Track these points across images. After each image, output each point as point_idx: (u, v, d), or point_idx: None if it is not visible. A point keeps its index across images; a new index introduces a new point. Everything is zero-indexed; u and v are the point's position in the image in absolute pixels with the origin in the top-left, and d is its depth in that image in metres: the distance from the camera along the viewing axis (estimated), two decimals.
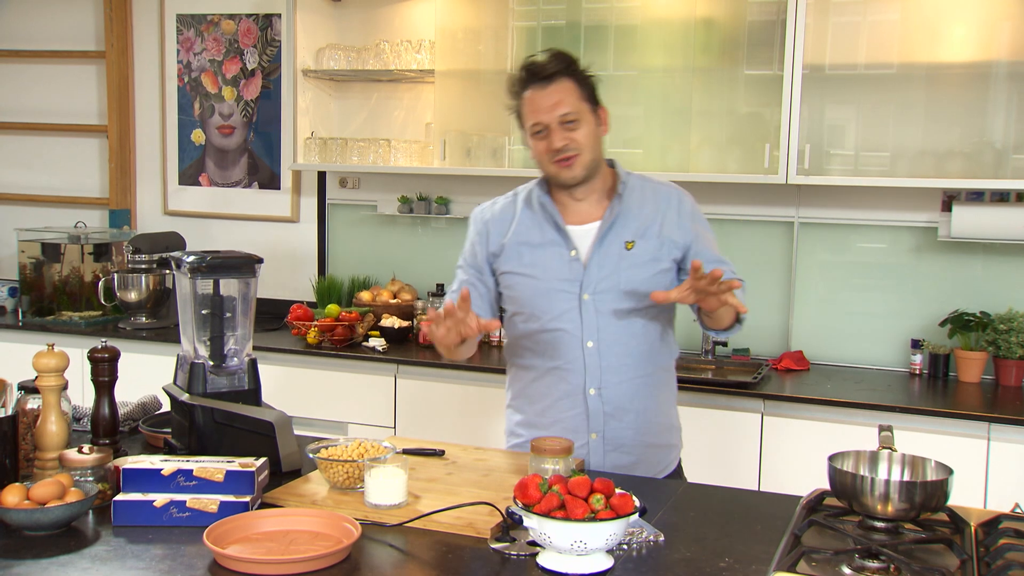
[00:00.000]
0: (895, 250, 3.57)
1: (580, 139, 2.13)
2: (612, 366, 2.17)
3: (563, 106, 2.11)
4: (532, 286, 2.20)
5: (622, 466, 2.20)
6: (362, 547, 1.63)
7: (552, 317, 2.18)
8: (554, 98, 2.11)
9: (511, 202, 2.29)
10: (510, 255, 2.23)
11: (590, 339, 2.17)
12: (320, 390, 3.69)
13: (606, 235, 2.18)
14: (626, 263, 2.17)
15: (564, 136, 2.12)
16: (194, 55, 4.49)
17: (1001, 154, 3.24)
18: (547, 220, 2.22)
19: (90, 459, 1.82)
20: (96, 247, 4.34)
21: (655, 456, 2.26)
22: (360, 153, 3.97)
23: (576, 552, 1.53)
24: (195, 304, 2.10)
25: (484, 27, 3.81)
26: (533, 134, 2.15)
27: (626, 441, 2.21)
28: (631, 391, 2.20)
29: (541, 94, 2.12)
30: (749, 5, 3.45)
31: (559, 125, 2.11)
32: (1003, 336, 3.28)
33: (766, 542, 1.69)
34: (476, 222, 2.31)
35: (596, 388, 2.18)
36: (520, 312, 2.24)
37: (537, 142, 2.16)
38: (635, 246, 2.18)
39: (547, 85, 2.11)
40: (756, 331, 3.71)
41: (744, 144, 3.48)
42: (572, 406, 2.19)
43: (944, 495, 1.67)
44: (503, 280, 2.25)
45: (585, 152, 2.14)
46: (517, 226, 2.24)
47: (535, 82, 2.13)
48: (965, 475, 2.89)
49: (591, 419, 2.19)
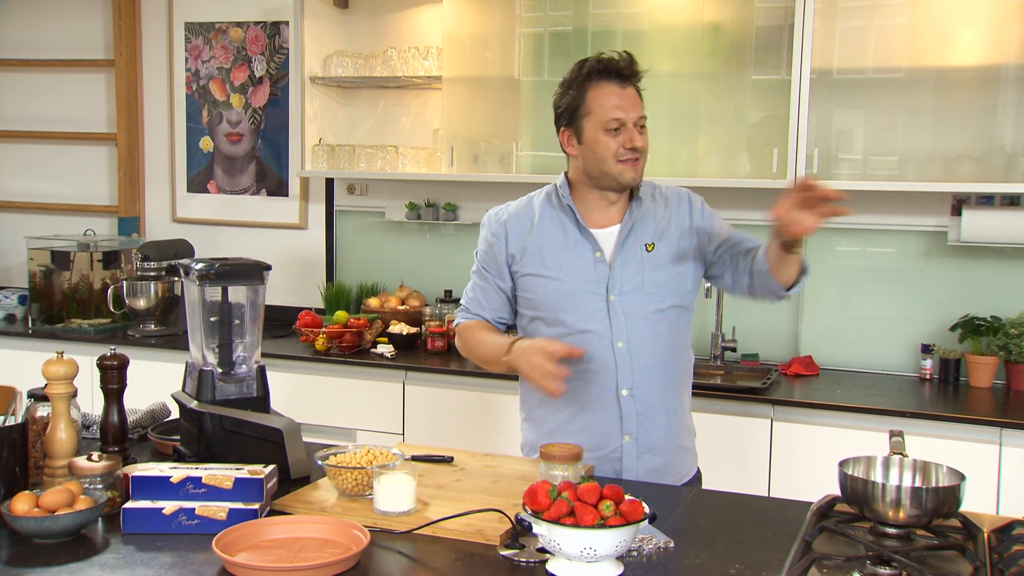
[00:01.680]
0: (905, 255, 3.56)
1: (646, 143, 2.16)
2: (643, 366, 2.17)
3: (640, 108, 2.15)
4: (557, 288, 2.18)
5: (654, 469, 2.19)
6: (371, 554, 1.63)
7: (580, 319, 2.17)
8: (635, 98, 2.14)
9: (527, 205, 2.28)
10: (532, 257, 2.21)
11: (620, 339, 2.16)
12: (329, 397, 3.70)
13: (627, 237, 2.19)
14: (648, 264, 2.18)
15: (641, 137, 2.14)
16: (202, 63, 4.50)
17: (1011, 158, 3.23)
18: (571, 222, 2.21)
19: (99, 467, 1.82)
20: (105, 255, 4.36)
21: (682, 459, 2.26)
22: (368, 160, 3.97)
23: (586, 559, 1.52)
24: (204, 311, 2.10)
25: (491, 33, 3.81)
26: (607, 129, 2.13)
27: (658, 442, 2.19)
28: (661, 390, 2.19)
29: (622, 91, 2.13)
30: (756, 10, 3.44)
31: (634, 125, 2.13)
32: (1014, 340, 3.26)
33: (777, 548, 1.68)
34: (492, 223, 2.28)
35: (628, 388, 2.16)
36: (542, 316, 2.21)
37: (609, 138, 2.13)
38: (655, 248, 2.19)
39: (626, 84, 2.14)
40: (765, 336, 3.70)
41: (752, 149, 3.47)
42: (604, 408, 2.17)
43: (956, 501, 1.66)
44: (522, 283, 2.23)
45: (644, 158, 2.17)
46: (538, 227, 2.23)
47: (614, 78, 2.13)
48: (977, 481, 2.87)
49: (624, 421, 2.17)
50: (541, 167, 3.70)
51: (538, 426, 2.26)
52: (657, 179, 2.36)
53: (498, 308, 2.28)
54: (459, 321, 2.33)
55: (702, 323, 3.75)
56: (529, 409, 2.29)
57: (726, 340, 3.61)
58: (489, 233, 2.28)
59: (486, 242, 2.28)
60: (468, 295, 2.32)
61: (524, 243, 2.22)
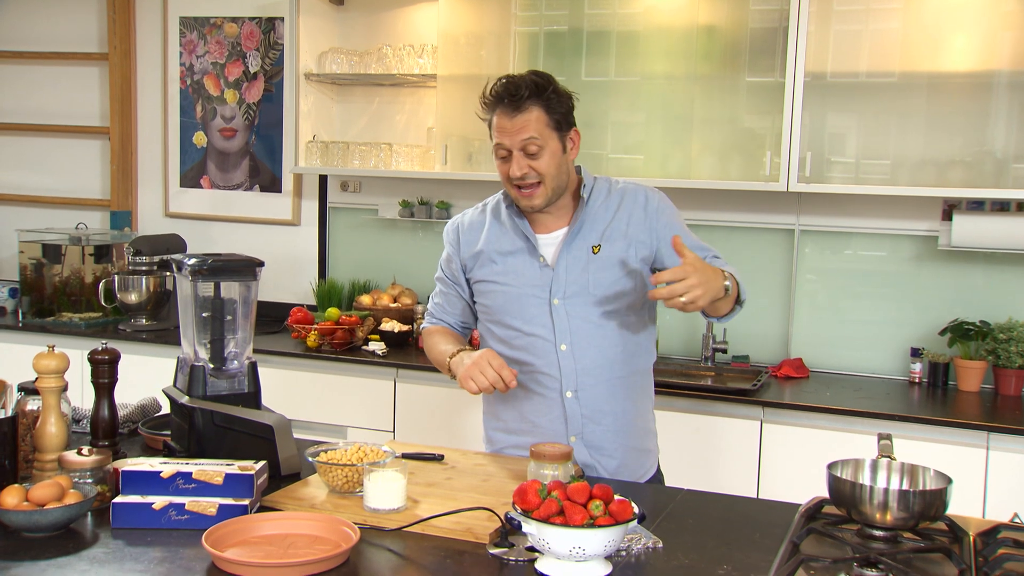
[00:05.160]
0: (895, 258, 3.57)
1: (542, 168, 2.12)
2: (587, 368, 2.19)
3: (527, 131, 2.10)
4: (505, 293, 2.24)
5: (608, 469, 2.22)
6: (361, 551, 1.63)
7: (525, 322, 2.22)
8: (519, 124, 2.10)
9: (480, 212, 2.34)
10: (482, 264, 2.27)
11: (563, 342, 2.19)
12: (320, 394, 3.69)
13: (572, 241, 2.21)
14: (593, 267, 2.19)
15: (525, 164, 2.12)
16: (197, 58, 4.49)
17: (1002, 164, 3.24)
18: (515, 229, 2.25)
19: (89, 461, 1.82)
20: (97, 248, 4.35)
21: (636, 460, 2.28)
22: (362, 157, 3.97)
23: (575, 558, 1.53)
24: (196, 307, 2.10)
25: (486, 32, 3.82)
26: (497, 155, 2.17)
27: (606, 444, 2.22)
28: (607, 393, 2.21)
29: (507, 118, 2.11)
30: (751, 13, 3.45)
31: (520, 152, 2.12)
32: (1003, 345, 3.28)
33: (764, 550, 1.69)
34: (449, 234, 2.36)
35: (573, 391, 2.20)
36: (494, 319, 2.28)
37: (500, 163, 2.17)
38: (601, 249, 2.19)
39: (515, 110, 2.10)
40: (756, 338, 3.71)
41: (745, 151, 3.48)
42: (550, 409, 2.22)
43: (943, 504, 1.67)
44: (477, 288, 2.30)
45: (547, 180, 2.14)
46: (487, 236, 2.28)
47: (503, 105, 2.12)
48: (964, 484, 2.89)
49: (569, 422, 2.21)
50: None
51: (494, 420, 2.34)
52: (654, 181, 2.37)
53: (460, 313, 2.38)
54: (425, 325, 2.43)
55: (693, 324, 3.76)
56: (487, 404, 2.37)
57: (717, 342, 3.62)
58: (447, 242, 2.36)
59: (445, 251, 2.37)
60: (433, 301, 2.42)
61: (476, 251, 2.28)
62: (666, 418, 2.71)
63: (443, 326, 2.38)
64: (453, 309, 2.37)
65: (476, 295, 2.32)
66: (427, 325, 2.42)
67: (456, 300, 2.36)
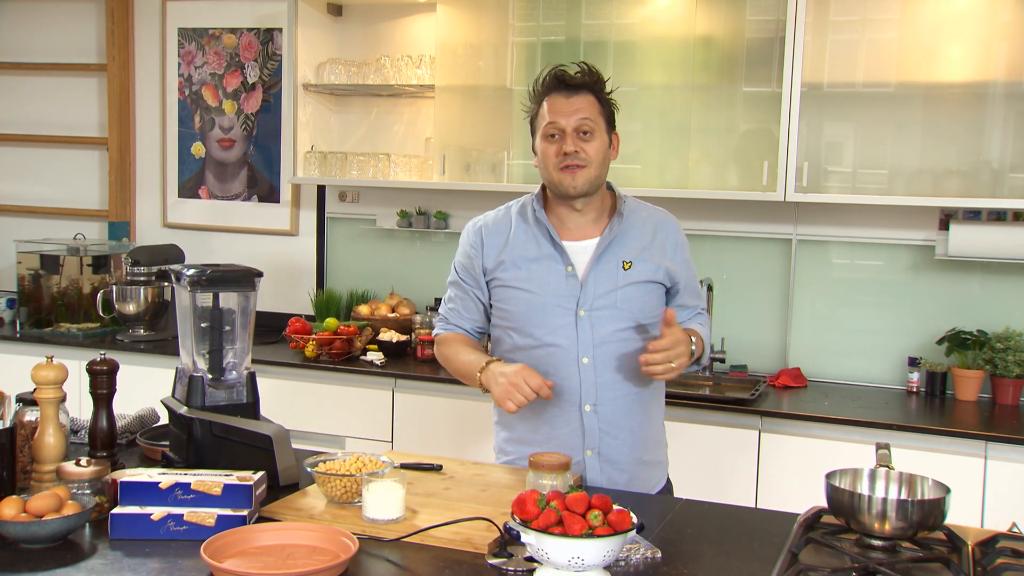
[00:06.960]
0: (893, 268, 3.58)
1: (591, 151, 2.14)
2: (607, 382, 2.18)
3: (583, 112, 2.13)
4: (528, 300, 2.20)
5: (618, 484, 2.20)
6: (359, 562, 1.63)
7: (547, 332, 2.18)
8: (575, 104, 2.14)
9: (505, 215, 2.29)
10: (506, 268, 2.22)
11: (585, 355, 2.17)
12: (318, 404, 3.69)
13: (604, 253, 2.19)
14: (624, 282, 2.18)
15: (577, 143, 2.13)
16: (195, 68, 4.50)
17: (998, 173, 3.25)
18: (543, 235, 2.22)
19: (87, 472, 1.82)
20: (95, 259, 4.35)
21: (647, 473, 2.27)
22: (360, 167, 3.98)
23: (574, 568, 1.52)
24: (194, 317, 2.10)
25: (484, 43, 3.83)
26: (546, 136, 2.15)
27: (621, 458, 2.21)
28: (626, 408, 2.20)
29: (564, 98, 2.14)
30: (748, 23, 3.47)
31: (574, 131, 2.13)
32: (1000, 355, 3.28)
33: (763, 560, 1.69)
34: (470, 234, 2.30)
35: (591, 404, 2.18)
36: (513, 326, 2.23)
37: (548, 144, 2.16)
38: (632, 267, 2.19)
39: (572, 94, 2.14)
40: (754, 348, 3.72)
41: (742, 161, 3.49)
42: (567, 423, 2.19)
43: (941, 513, 1.67)
44: (497, 293, 2.25)
45: (592, 167, 2.14)
46: (513, 239, 2.24)
47: (561, 89, 2.15)
48: (962, 494, 2.89)
49: (587, 436, 2.19)
50: (532, 177, 3.71)
51: (507, 430, 2.29)
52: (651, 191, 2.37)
53: (476, 318, 2.31)
54: (438, 331, 2.36)
55: None
56: (500, 412, 2.31)
57: (715, 351, 3.63)
58: (467, 243, 2.30)
59: (464, 252, 2.30)
60: (447, 305, 2.34)
61: (500, 254, 2.24)
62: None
63: (459, 333, 2.31)
64: (469, 314, 2.30)
65: (495, 299, 2.26)
66: (440, 332, 2.35)
67: (472, 304, 2.29)
